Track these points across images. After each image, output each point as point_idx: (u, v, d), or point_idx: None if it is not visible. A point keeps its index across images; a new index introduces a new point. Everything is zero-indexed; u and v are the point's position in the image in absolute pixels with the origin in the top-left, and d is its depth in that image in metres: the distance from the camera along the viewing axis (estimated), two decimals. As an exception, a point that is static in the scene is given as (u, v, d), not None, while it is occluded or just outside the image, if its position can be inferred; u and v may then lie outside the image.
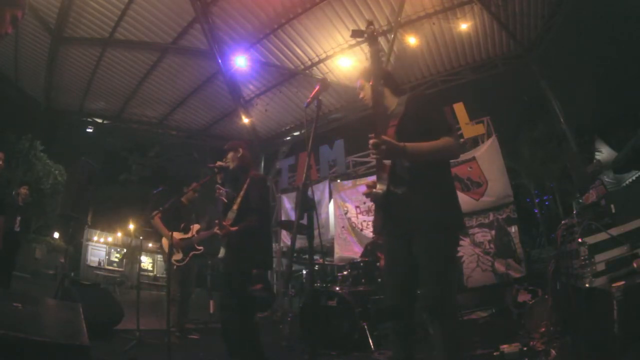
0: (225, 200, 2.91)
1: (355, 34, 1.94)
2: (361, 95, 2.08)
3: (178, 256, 4.46)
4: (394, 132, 1.83)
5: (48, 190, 12.02)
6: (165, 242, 4.47)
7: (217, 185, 2.96)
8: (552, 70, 8.59)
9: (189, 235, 4.55)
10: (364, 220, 7.80)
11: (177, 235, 4.46)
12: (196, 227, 4.59)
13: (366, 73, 2.07)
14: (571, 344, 2.61)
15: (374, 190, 1.87)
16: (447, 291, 1.72)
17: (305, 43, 7.99)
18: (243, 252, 2.77)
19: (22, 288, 5.25)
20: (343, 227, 8.06)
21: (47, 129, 10.93)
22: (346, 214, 8.07)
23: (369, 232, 7.47)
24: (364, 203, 7.78)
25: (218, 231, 2.78)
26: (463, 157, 6.88)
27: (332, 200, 8.59)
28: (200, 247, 4.56)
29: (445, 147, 1.77)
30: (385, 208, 1.87)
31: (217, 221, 2.81)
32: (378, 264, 4.52)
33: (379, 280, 4.34)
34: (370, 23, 1.85)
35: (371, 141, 1.69)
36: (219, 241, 2.99)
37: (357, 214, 7.94)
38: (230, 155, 3.02)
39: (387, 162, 1.83)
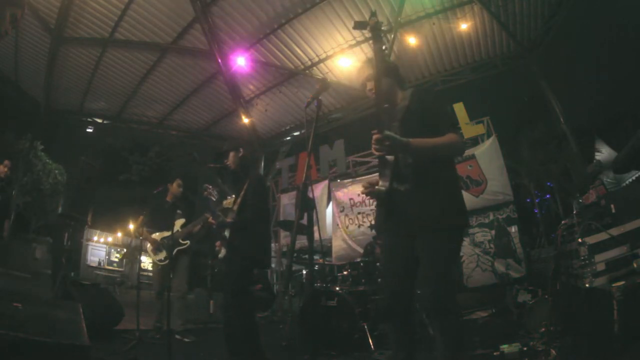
0: (214, 199, 2.92)
1: (358, 25, 1.84)
2: (369, 87, 1.97)
3: (161, 255, 4.39)
4: (397, 127, 1.78)
5: (48, 191, 11.96)
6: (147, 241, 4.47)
7: (206, 185, 2.96)
8: (552, 70, 8.57)
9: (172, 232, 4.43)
10: (360, 213, 7.78)
11: (158, 235, 4.43)
12: (179, 222, 4.47)
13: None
14: (571, 344, 2.61)
15: (377, 187, 1.81)
16: (447, 291, 1.68)
17: (305, 43, 7.99)
18: (242, 251, 2.82)
19: (22, 288, 5.23)
20: (338, 225, 8.06)
21: (47, 129, 10.90)
22: (342, 211, 8.06)
23: (364, 229, 7.50)
24: (358, 195, 7.77)
25: (212, 221, 2.84)
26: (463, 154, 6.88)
27: (331, 201, 8.59)
28: (185, 242, 4.39)
29: (449, 144, 1.72)
30: (387, 205, 1.81)
31: (208, 215, 2.85)
32: (378, 264, 4.52)
33: (379, 280, 4.33)
34: (373, 14, 1.78)
35: (375, 136, 1.65)
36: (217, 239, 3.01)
37: (351, 206, 7.94)
38: (231, 155, 3.04)
39: (391, 158, 1.77)
